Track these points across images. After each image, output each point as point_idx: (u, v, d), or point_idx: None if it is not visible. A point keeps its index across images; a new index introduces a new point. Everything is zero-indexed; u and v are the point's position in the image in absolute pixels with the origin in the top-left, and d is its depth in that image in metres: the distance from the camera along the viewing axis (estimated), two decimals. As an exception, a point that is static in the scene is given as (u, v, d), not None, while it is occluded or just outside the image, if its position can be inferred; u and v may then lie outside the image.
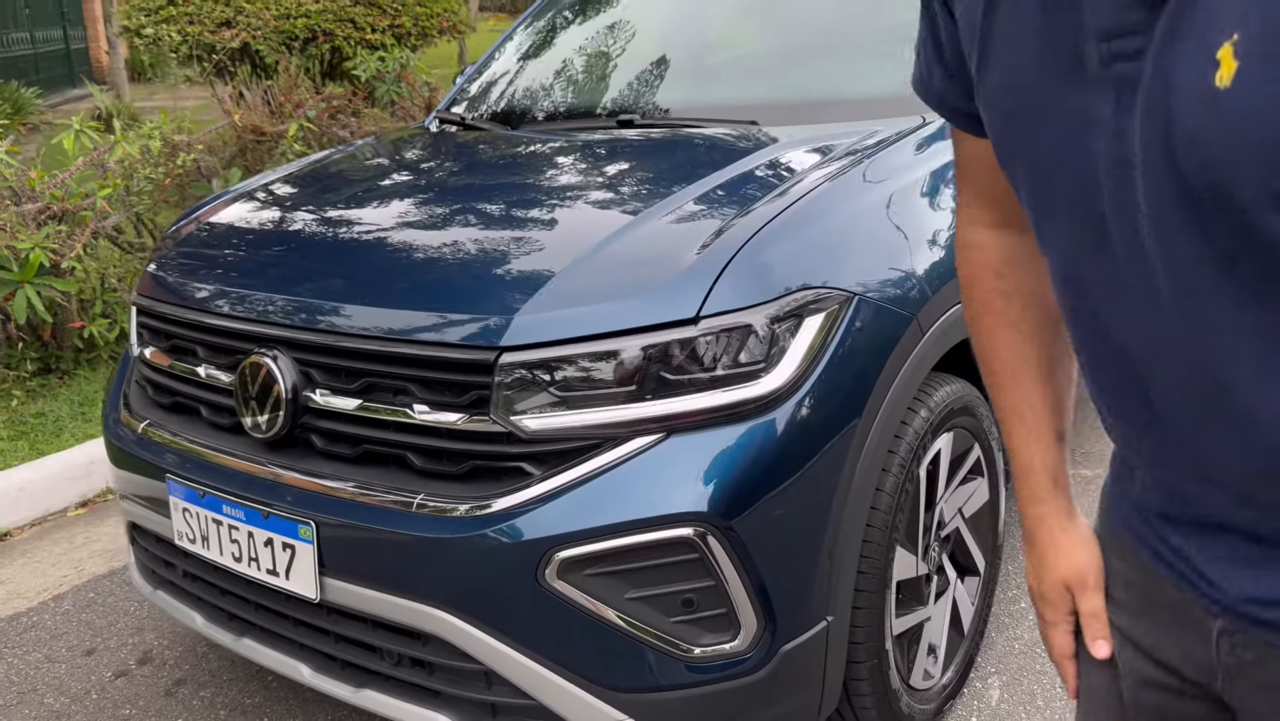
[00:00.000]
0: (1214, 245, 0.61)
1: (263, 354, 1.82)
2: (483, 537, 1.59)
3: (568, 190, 2.14)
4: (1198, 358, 0.65)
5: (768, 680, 1.63)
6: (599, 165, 2.28)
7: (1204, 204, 0.60)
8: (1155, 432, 0.72)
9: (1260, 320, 0.62)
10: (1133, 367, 0.71)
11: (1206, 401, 0.66)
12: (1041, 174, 0.73)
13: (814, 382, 1.63)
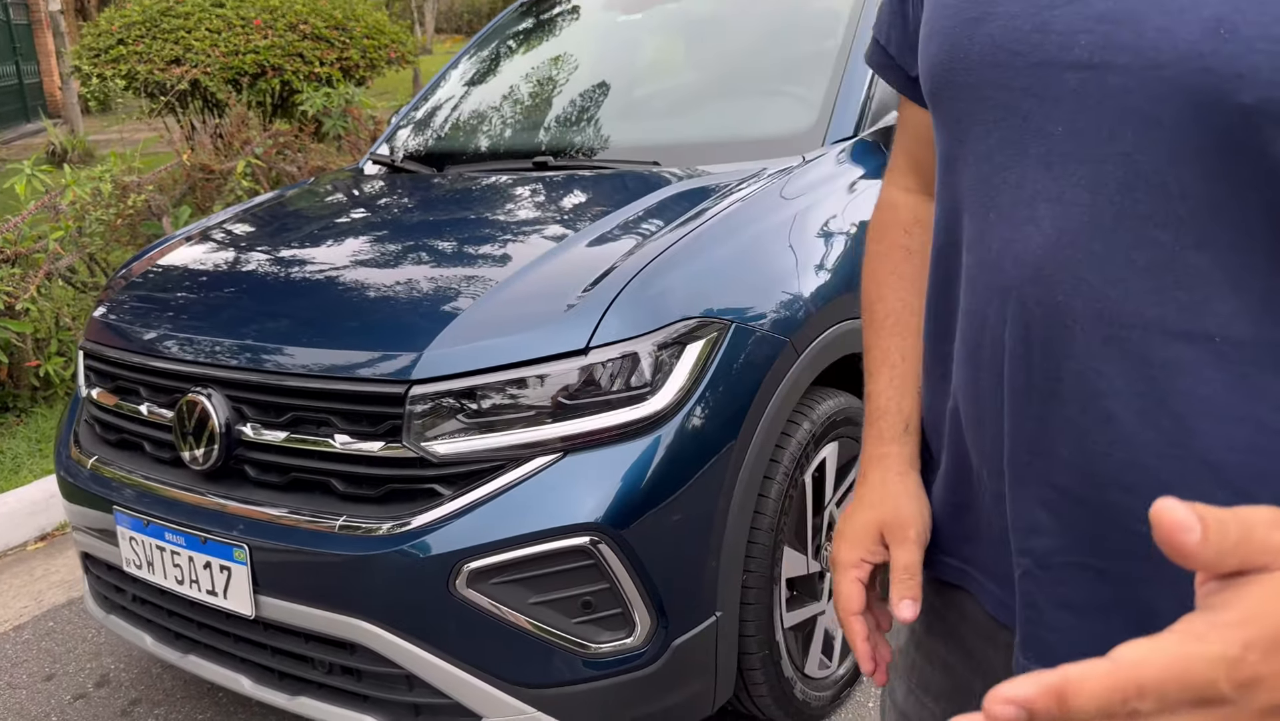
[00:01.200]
0: (1203, 160, 0.62)
1: (198, 392, 1.99)
2: (400, 554, 1.76)
3: (480, 230, 2.32)
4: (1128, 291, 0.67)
5: (663, 671, 1.81)
6: (511, 206, 2.47)
7: (1201, 116, 0.61)
8: None
9: (1196, 241, 0.63)
10: (1022, 313, 0.72)
11: None
12: (965, 87, 0.74)
13: (695, 402, 1.82)
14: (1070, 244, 0.68)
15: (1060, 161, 0.68)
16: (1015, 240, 0.71)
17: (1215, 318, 0.64)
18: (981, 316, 0.75)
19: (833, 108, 2.42)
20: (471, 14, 29.37)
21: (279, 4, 7.46)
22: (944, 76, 0.77)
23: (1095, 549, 0.72)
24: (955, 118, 0.77)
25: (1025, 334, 0.71)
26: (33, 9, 18.17)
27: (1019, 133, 0.71)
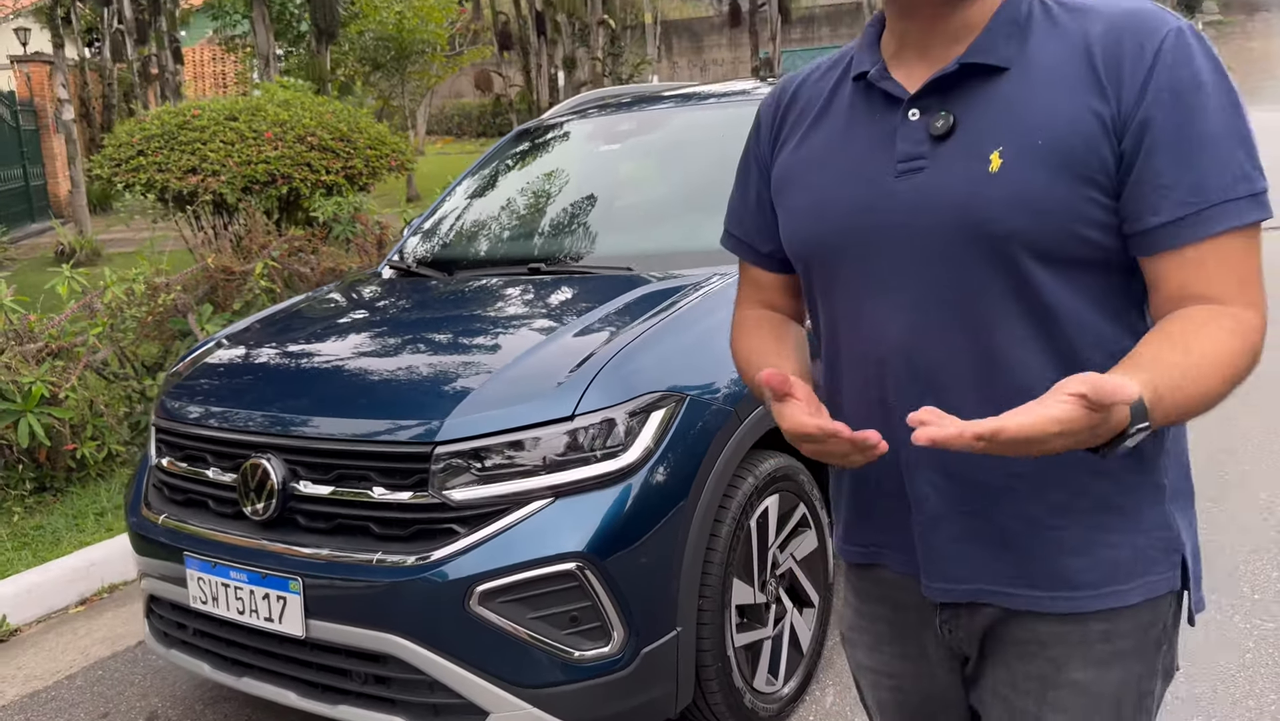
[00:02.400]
0: (981, 273, 1.13)
1: (259, 457, 2.47)
2: (424, 580, 2.23)
3: (485, 323, 2.84)
4: (945, 357, 1.18)
5: (634, 675, 2.27)
6: (511, 304, 2.99)
7: (981, 246, 1.12)
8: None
9: (989, 330, 1.15)
10: (884, 372, 1.20)
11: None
12: (842, 252, 1.23)
13: (658, 458, 2.32)
14: (914, 332, 1.19)
15: (895, 283, 1.20)
16: (879, 330, 1.22)
17: (1012, 360, 1.16)
18: (864, 375, 1.24)
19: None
20: (462, 117, 30.51)
21: (289, 118, 8.11)
22: (815, 248, 1.29)
23: (962, 501, 1.21)
24: (827, 268, 1.27)
25: (899, 384, 1.20)
26: (40, 115, 18.96)
27: (869, 270, 1.22)
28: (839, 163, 1.25)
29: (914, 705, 1.40)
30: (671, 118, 3.85)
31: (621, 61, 13.37)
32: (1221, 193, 1.09)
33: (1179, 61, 1.11)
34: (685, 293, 2.74)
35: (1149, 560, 1.21)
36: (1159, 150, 1.10)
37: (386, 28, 16.77)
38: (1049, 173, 1.11)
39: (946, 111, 1.17)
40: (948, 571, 1.24)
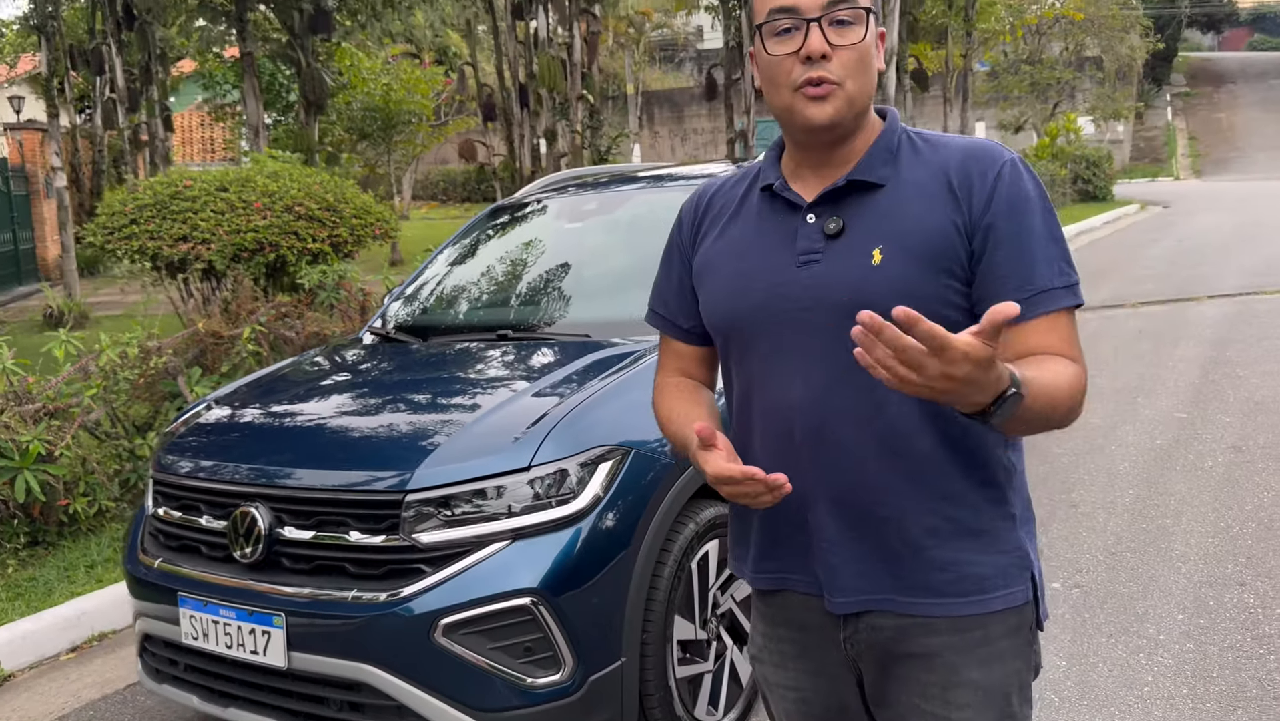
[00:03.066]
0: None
1: (248, 506, 2.75)
2: (394, 615, 2.50)
3: (455, 385, 3.15)
4: (841, 419, 1.47)
5: (583, 700, 2.53)
6: (480, 366, 3.30)
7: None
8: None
9: (873, 396, 1.44)
10: (789, 431, 1.50)
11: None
12: (754, 329, 1.53)
13: (605, 504, 2.61)
14: (814, 391, 1.49)
15: (799, 352, 1.50)
16: (787, 392, 1.51)
17: (895, 417, 1.46)
18: (774, 425, 1.53)
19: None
20: (447, 182, 31.12)
21: (277, 188, 8.46)
22: (733, 322, 1.58)
23: (852, 527, 1.49)
24: (743, 338, 1.57)
25: (804, 434, 1.49)
26: (31, 181, 19.33)
27: (777, 340, 1.52)
28: (751, 254, 1.57)
29: (817, 714, 1.64)
30: (631, 198, 4.20)
31: (600, 134, 13.87)
32: (1047, 281, 1.45)
33: (1012, 182, 1.47)
34: (636, 357, 3.05)
35: (1008, 575, 1.51)
36: (1000, 247, 1.45)
37: (374, 99, 17.31)
38: (919, 266, 1.46)
39: (837, 217, 1.51)
40: (844, 586, 1.52)
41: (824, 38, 1.45)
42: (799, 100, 1.48)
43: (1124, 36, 27.83)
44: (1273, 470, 5.05)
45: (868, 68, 1.49)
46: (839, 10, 1.45)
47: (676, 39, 37.10)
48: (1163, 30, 41.48)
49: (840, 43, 1.46)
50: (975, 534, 1.49)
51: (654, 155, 33.95)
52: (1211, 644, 3.40)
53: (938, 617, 1.49)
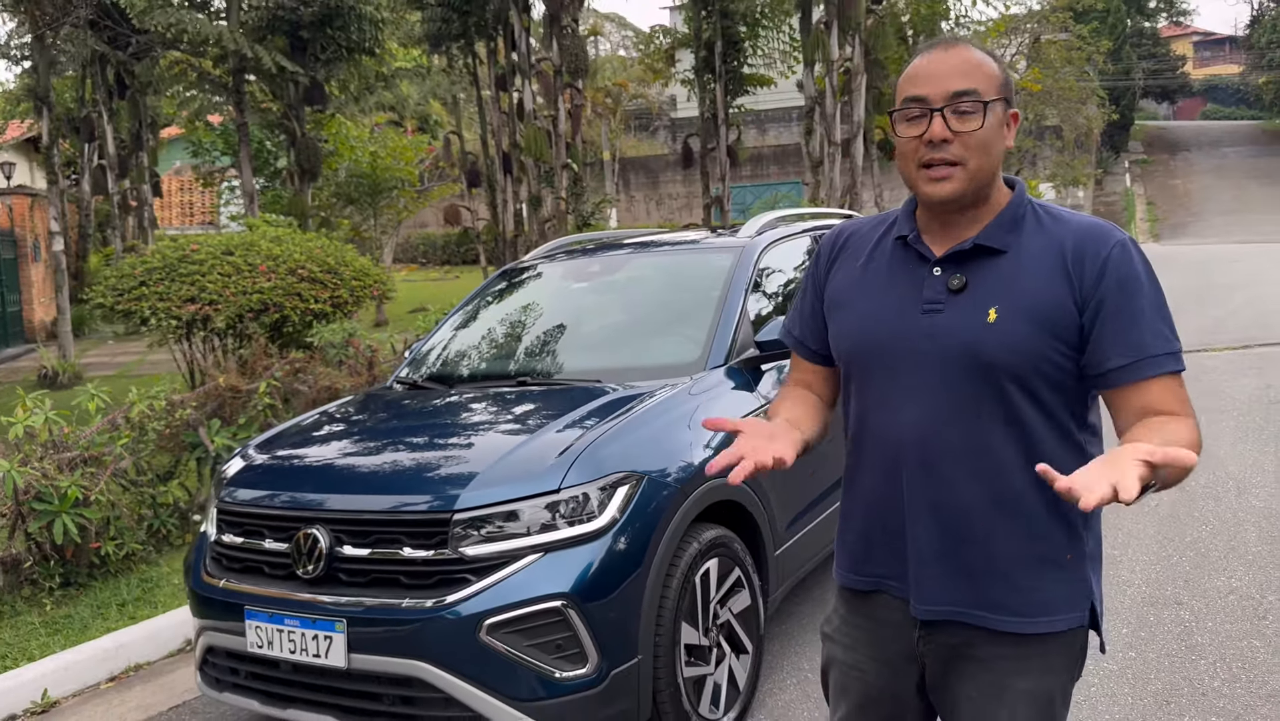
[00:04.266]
0: (976, 394, 1.66)
1: (309, 528, 3.15)
2: (444, 618, 2.90)
3: (489, 423, 3.59)
4: (948, 453, 1.70)
5: (605, 692, 2.94)
6: (506, 407, 3.75)
7: (978, 372, 1.64)
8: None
9: (981, 436, 1.68)
10: (901, 457, 1.74)
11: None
12: (877, 361, 1.76)
13: (622, 524, 3.04)
14: (924, 424, 1.73)
15: (914, 388, 1.73)
16: (898, 418, 1.76)
17: (996, 457, 1.70)
18: (883, 450, 1.79)
19: (711, 345, 3.79)
20: (427, 246, 31.66)
21: (280, 252, 8.91)
22: (857, 354, 1.83)
23: (943, 544, 1.73)
24: (865, 369, 1.82)
25: (910, 458, 1.74)
26: (20, 244, 19.66)
27: (894, 376, 1.76)
28: (881, 296, 1.81)
29: (873, 695, 1.90)
30: (630, 261, 4.69)
31: (584, 200, 14.47)
32: (1156, 348, 1.66)
33: (1122, 263, 1.69)
34: (641, 399, 3.51)
35: (1073, 602, 1.74)
36: (1110, 319, 1.66)
37: (361, 165, 17.86)
38: (1028, 327, 1.68)
39: (961, 274, 1.73)
40: (931, 596, 1.76)
41: (945, 124, 1.68)
42: (921, 177, 1.72)
43: (1080, 108, 29.01)
44: (1210, 507, 5.54)
45: (988, 149, 1.70)
46: (961, 102, 1.68)
47: (651, 108, 38.19)
48: (1118, 100, 43.09)
49: (961, 129, 1.68)
50: (1051, 564, 1.72)
51: (630, 220, 34.76)
52: (1151, 652, 3.85)
53: (1007, 633, 1.73)
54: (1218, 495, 5.76)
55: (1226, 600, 4.29)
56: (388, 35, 14.59)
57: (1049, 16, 28.58)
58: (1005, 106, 1.74)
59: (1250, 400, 8.22)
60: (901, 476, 1.77)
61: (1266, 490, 5.78)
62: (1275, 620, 4.07)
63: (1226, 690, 3.53)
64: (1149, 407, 1.66)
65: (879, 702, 1.90)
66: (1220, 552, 4.86)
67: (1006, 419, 1.71)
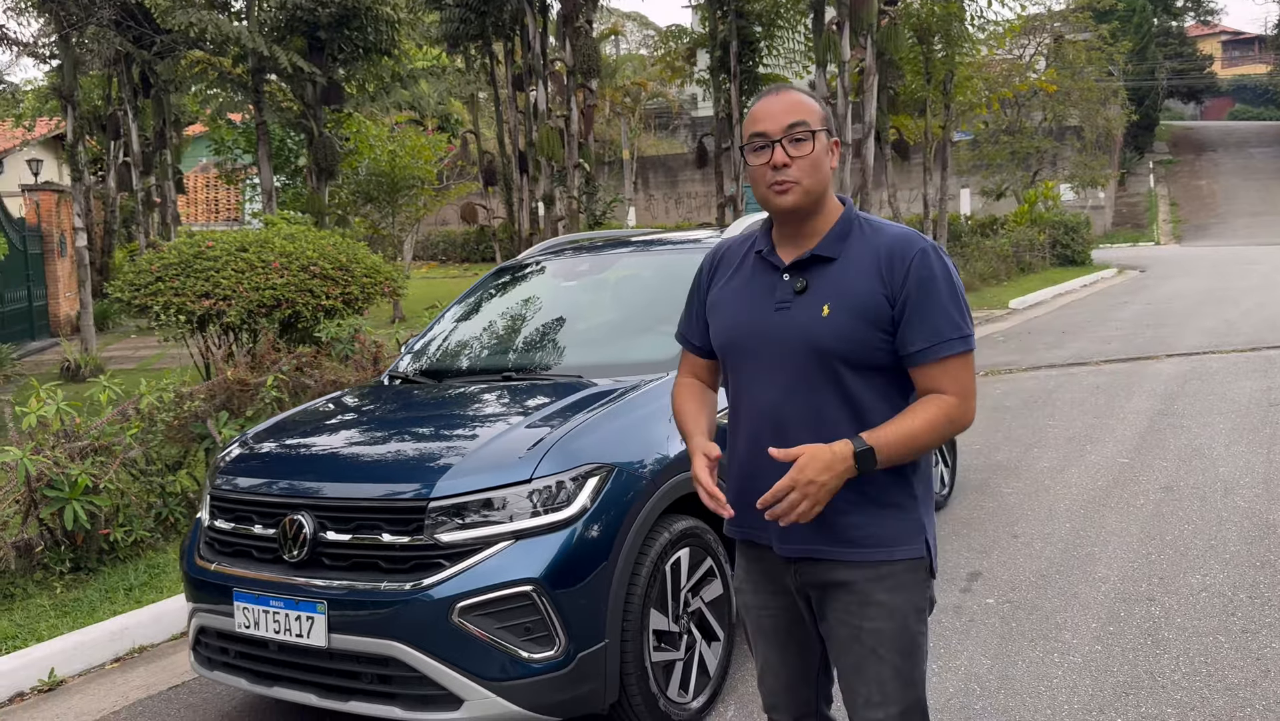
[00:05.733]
0: (816, 374, 2.11)
1: (295, 515, 3.30)
2: (419, 601, 3.04)
3: (469, 416, 3.72)
4: (796, 422, 2.12)
5: (572, 673, 3.07)
6: (488, 401, 3.88)
7: (816, 357, 2.09)
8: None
9: (820, 408, 2.11)
10: (762, 427, 2.16)
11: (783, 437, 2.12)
12: (743, 350, 2.19)
13: (592, 512, 3.17)
14: (777, 397, 2.14)
15: (770, 370, 2.15)
16: (761, 396, 2.17)
17: (833, 426, 2.10)
18: (752, 422, 2.18)
19: (689, 343, 3.91)
20: (446, 244, 31.93)
21: (293, 249, 9.09)
22: (729, 347, 2.25)
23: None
24: (735, 358, 2.23)
25: (767, 426, 2.15)
26: (46, 240, 20.02)
27: (757, 360, 2.18)
28: (745, 299, 2.23)
29: (784, 626, 2.29)
30: (618, 260, 4.83)
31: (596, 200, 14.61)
32: (949, 333, 2.07)
33: (922, 266, 2.09)
34: (620, 392, 3.64)
35: (909, 536, 2.14)
36: (913, 312, 2.07)
37: (379, 164, 18.09)
38: (853, 319, 2.08)
39: (803, 279, 2.15)
40: (790, 539, 2.16)
41: (785, 151, 2.10)
42: (770, 193, 2.14)
43: (1099, 109, 28.87)
44: (1195, 507, 5.61)
45: (818, 168, 2.13)
46: (795, 131, 2.11)
47: (671, 107, 38.27)
48: (1143, 101, 42.78)
49: (796, 154, 2.10)
50: (882, 505, 2.12)
51: (649, 218, 34.88)
52: (1116, 646, 3.94)
53: (854, 562, 2.13)
54: (1204, 495, 5.82)
55: (1199, 597, 4.38)
56: (404, 35, 14.78)
57: (1069, 16, 28.46)
58: (828, 135, 2.15)
59: (1250, 402, 8.26)
60: (761, 441, 2.14)
61: (1253, 491, 5.84)
62: (1243, 616, 4.15)
63: (1186, 682, 3.62)
64: (932, 386, 2.09)
65: (790, 632, 2.29)
66: (1199, 551, 4.93)
67: (839, 394, 2.12)
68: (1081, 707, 3.48)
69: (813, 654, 2.32)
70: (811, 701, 2.36)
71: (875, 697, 2.13)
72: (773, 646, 2.32)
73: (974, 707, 3.53)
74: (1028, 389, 9.52)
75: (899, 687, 2.13)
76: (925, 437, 2.05)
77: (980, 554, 5.08)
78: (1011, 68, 26.69)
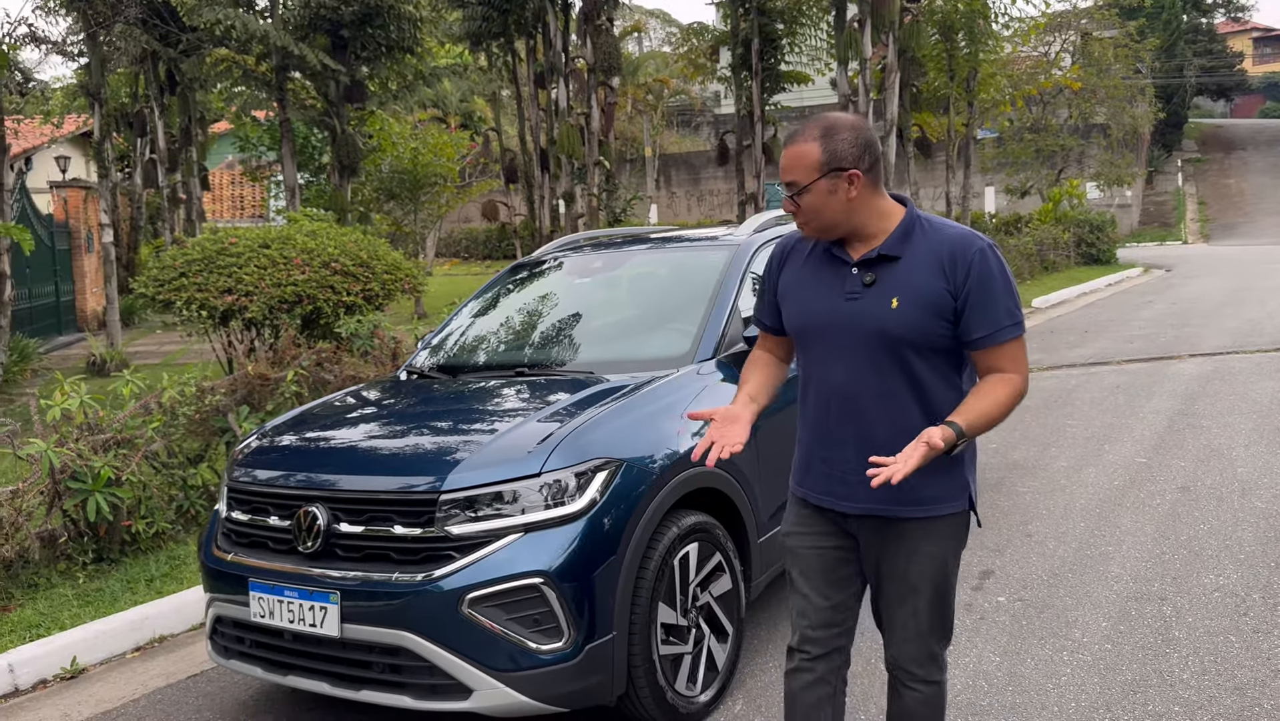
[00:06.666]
0: (886, 358, 2.41)
1: (309, 507, 3.35)
2: (429, 592, 3.09)
3: (481, 410, 3.77)
4: (867, 400, 2.44)
5: (580, 664, 3.11)
6: (501, 396, 3.93)
7: (885, 343, 2.39)
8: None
9: (889, 388, 2.42)
10: (835, 403, 2.48)
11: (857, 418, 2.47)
12: (815, 333, 2.50)
13: (600, 507, 3.20)
14: (853, 381, 2.45)
15: (841, 353, 2.46)
16: (830, 376, 2.49)
17: (899, 403, 2.44)
18: (822, 399, 2.51)
19: (700, 339, 3.94)
20: (469, 241, 32.06)
21: (315, 246, 9.19)
22: (802, 330, 2.57)
23: (864, 462, 2.34)
24: (807, 340, 2.55)
25: (840, 403, 2.47)
26: (74, 236, 20.28)
27: (827, 346, 2.49)
28: (816, 288, 2.52)
29: (830, 566, 2.58)
30: (632, 257, 4.86)
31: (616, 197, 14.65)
32: (1004, 321, 2.39)
33: (982, 264, 2.39)
34: (630, 389, 3.67)
35: (954, 495, 2.47)
36: (974, 305, 2.38)
37: (402, 161, 18.20)
38: (919, 311, 2.38)
39: (871, 274, 2.44)
40: (855, 497, 2.49)
41: (793, 200, 2.44)
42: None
43: (1126, 107, 28.62)
44: (1212, 507, 5.58)
45: (820, 212, 2.42)
46: (791, 190, 2.44)
47: (693, 104, 38.25)
48: (1170, 98, 42.35)
49: (800, 200, 2.42)
50: (935, 470, 2.38)
51: (670, 216, 34.88)
52: (1126, 645, 3.94)
53: (907, 519, 2.47)
54: (1221, 495, 5.79)
55: (1211, 596, 4.36)
56: (426, 33, 14.86)
57: (1095, 13, 28.22)
58: (832, 177, 2.38)
59: (1272, 403, 8.19)
60: (832, 414, 2.49)
61: (1271, 492, 5.81)
62: (1255, 616, 4.13)
63: (1195, 681, 3.61)
64: (994, 366, 2.41)
65: (835, 571, 2.60)
66: (1214, 551, 4.91)
67: (905, 374, 2.42)
68: (1089, 705, 3.49)
69: (851, 594, 2.62)
70: (840, 636, 2.63)
71: (910, 630, 2.52)
72: (816, 584, 2.61)
73: (981, 704, 3.54)
74: (1048, 388, 9.47)
75: (930, 618, 2.52)
76: (999, 413, 2.39)
77: (994, 552, 5.07)
78: (1036, 65, 26.50)
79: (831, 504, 2.53)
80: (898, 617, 2.54)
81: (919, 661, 2.55)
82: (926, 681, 2.56)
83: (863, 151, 2.39)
